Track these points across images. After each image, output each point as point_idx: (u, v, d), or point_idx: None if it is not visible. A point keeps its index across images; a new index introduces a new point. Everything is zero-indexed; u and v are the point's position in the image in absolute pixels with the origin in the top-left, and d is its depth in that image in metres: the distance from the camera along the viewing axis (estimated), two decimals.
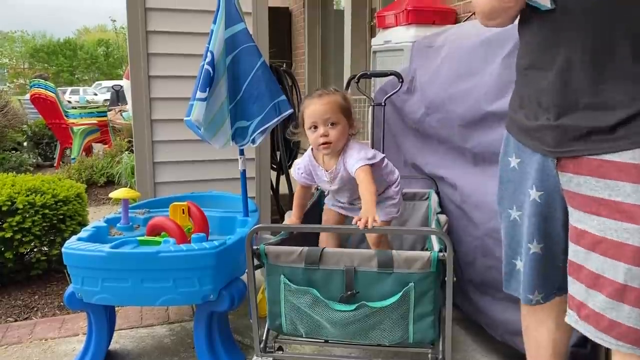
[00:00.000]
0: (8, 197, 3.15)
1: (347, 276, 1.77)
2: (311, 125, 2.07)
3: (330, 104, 2.06)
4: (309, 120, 2.07)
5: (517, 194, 1.55)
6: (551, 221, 1.49)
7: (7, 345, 2.60)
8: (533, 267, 1.55)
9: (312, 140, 2.08)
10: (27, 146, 8.72)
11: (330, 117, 2.04)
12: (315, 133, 2.06)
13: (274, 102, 2.56)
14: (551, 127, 1.36)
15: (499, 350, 2.39)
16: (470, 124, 2.32)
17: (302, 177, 2.21)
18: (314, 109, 2.06)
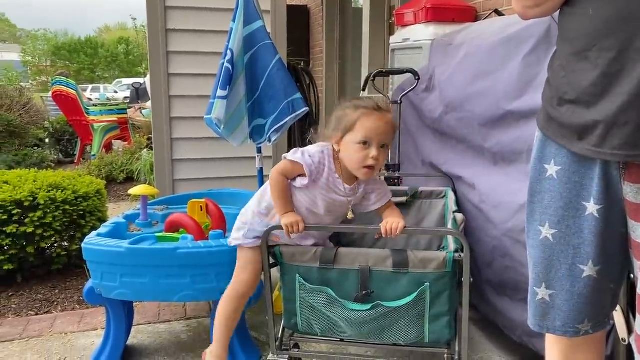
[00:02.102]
0: (30, 192, 3.21)
1: (362, 276, 1.77)
2: (364, 140, 1.71)
3: (390, 125, 1.77)
4: (363, 134, 1.71)
5: (555, 209, 1.32)
6: (611, 239, 1.28)
7: (28, 338, 2.64)
8: (585, 293, 1.32)
9: (358, 158, 1.73)
10: (48, 143, 8.85)
11: (386, 139, 1.76)
12: (365, 152, 1.72)
13: (288, 100, 2.56)
14: (618, 124, 1.13)
15: (516, 351, 2.37)
16: (490, 123, 2.30)
17: (310, 166, 1.78)
18: (376, 125, 1.72)
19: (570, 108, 1.22)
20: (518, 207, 2.08)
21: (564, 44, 1.27)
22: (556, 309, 1.37)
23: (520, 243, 2.07)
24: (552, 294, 1.36)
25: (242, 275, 1.94)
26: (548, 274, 1.36)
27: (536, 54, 2.08)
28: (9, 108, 7.92)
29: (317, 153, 1.81)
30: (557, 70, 1.29)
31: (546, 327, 1.41)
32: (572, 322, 1.35)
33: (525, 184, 1.44)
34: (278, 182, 1.82)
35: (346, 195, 1.86)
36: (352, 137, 1.73)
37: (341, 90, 8.91)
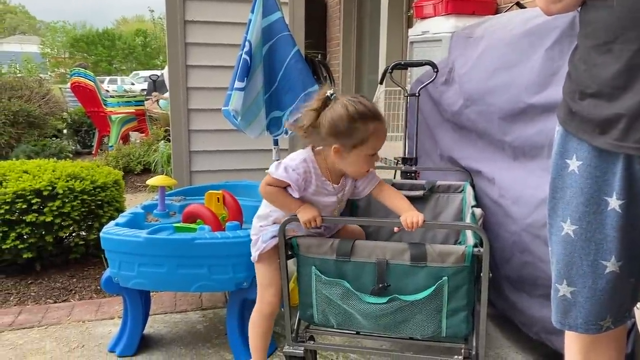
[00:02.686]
0: (49, 182, 3.24)
1: (378, 269, 1.75)
2: (373, 152, 1.77)
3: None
4: (374, 147, 1.76)
5: (577, 204, 1.30)
6: (633, 233, 1.26)
7: (47, 325, 2.68)
8: (608, 289, 1.30)
9: (362, 167, 1.79)
10: (66, 133, 8.95)
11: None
12: (369, 162, 1.79)
13: (306, 92, 2.55)
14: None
15: (533, 348, 2.34)
16: (510, 116, 2.26)
17: (295, 182, 1.78)
18: (384, 139, 1.78)
19: (592, 102, 1.21)
20: (538, 202, 2.05)
21: (585, 36, 1.26)
22: (578, 306, 1.35)
23: (540, 238, 2.04)
24: (573, 291, 1.35)
25: (267, 296, 1.93)
26: (569, 271, 1.34)
27: (559, 46, 2.04)
28: (29, 99, 8.02)
29: (300, 164, 1.80)
30: (578, 63, 1.27)
31: (568, 324, 1.39)
32: (594, 319, 1.33)
33: (545, 179, 1.43)
34: (271, 192, 1.82)
35: (335, 193, 1.88)
36: (364, 150, 1.74)
37: (358, 84, 8.88)
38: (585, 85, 1.23)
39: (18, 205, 3.12)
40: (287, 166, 1.78)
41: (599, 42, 1.20)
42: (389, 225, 2.59)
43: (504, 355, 2.35)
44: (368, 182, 1.93)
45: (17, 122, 7.64)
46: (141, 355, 2.36)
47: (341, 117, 1.71)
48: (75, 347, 2.46)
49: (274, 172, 1.78)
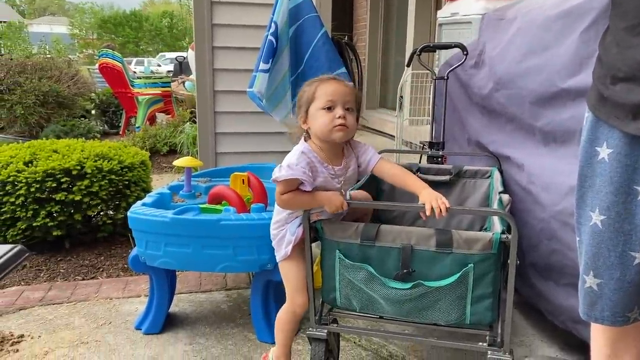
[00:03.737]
0: (78, 161, 3.30)
1: (403, 254, 1.73)
2: (327, 104, 1.74)
3: (349, 87, 1.81)
4: (325, 98, 1.74)
5: (605, 194, 1.25)
6: None
7: (75, 301, 2.74)
8: (637, 281, 1.26)
9: (325, 122, 1.74)
10: (94, 114, 9.08)
11: (350, 100, 1.77)
12: (331, 114, 1.74)
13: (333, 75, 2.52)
14: None
15: (559, 337, 2.31)
16: (542, 101, 2.20)
17: (303, 175, 1.74)
18: (334, 87, 1.76)
19: (625, 86, 1.15)
20: (569, 189, 2.00)
21: (617, 18, 1.20)
22: (604, 298, 1.31)
23: (569, 226, 1.99)
24: (600, 283, 1.31)
25: (298, 298, 1.92)
26: (596, 262, 1.30)
27: (595, 28, 1.97)
28: (58, 79, 8.14)
29: (300, 157, 1.77)
30: (609, 46, 1.21)
31: (594, 316, 1.35)
32: (622, 310, 1.30)
33: (577, 165, 1.37)
34: (288, 199, 1.77)
35: (339, 176, 1.85)
36: (316, 105, 1.76)
37: (384, 66, 8.78)
38: (617, 68, 1.18)
39: (48, 184, 3.19)
40: (289, 164, 1.75)
41: (633, 23, 1.14)
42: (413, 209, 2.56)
43: (528, 343, 2.32)
44: (369, 158, 1.89)
45: (46, 102, 7.78)
46: (167, 334, 2.41)
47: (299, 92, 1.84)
48: (102, 323, 2.52)
49: (279, 175, 1.72)
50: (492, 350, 1.75)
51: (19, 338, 2.37)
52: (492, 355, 1.74)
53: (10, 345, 2.32)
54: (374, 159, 1.89)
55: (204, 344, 2.34)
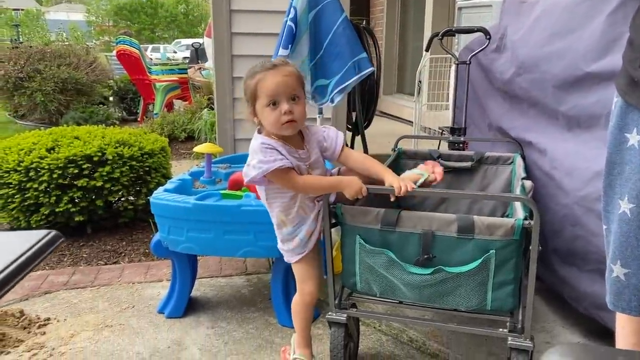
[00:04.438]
0: (99, 148, 3.33)
1: (424, 240, 1.72)
2: (270, 101, 1.69)
3: (290, 76, 1.72)
4: (266, 96, 1.69)
5: (635, 181, 1.22)
6: None
7: (99, 286, 2.79)
8: None
9: (272, 119, 1.70)
10: (112, 101, 9.15)
11: (292, 90, 1.71)
12: (276, 111, 1.69)
13: (354, 60, 2.51)
14: None
15: (581, 323, 2.30)
16: (566, 85, 2.17)
17: (287, 162, 1.71)
18: (273, 81, 1.68)
19: None
20: (593, 174, 1.98)
21: None
22: (632, 288, 1.30)
23: (593, 212, 1.97)
24: (627, 273, 1.29)
25: (308, 288, 1.93)
26: (624, 252, 1.28)
27: (623, 10, 1.93)
28: (76, 66, 8.21)
29: (263, 148, 1.72)
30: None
31: (621, 307, 1.35)
32: None
33: (602, 150, 1.36)
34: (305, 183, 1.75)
35: (305, 160, 1.80)
36: (260, 103, 1.71)
37: (401, 51, 8.70)
38: None
39: (70, 170, 3.23)
40: (259, 160, 1.70)
41: None
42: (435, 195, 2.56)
43: (549, 329, 2.31)
44: (334, 144, 1.85)
45: (65, 89, 7.86)
46: (189, 317, 2.44)
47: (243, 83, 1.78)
48: (126, 307, 2.56)
49: (254, 174, 1.70)
50: (513, 337, 1.74)
51: (46, 321, 2.43)
52: (513, 341, 1.73)
53: (37, 328, 2.37)
54: (339, 145, 1.85)
55: (226, 327, 2.37)
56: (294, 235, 1.86)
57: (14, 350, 2.20)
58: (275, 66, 1.72)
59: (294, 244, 1.86)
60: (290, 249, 1.88)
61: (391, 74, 8.71)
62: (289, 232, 1.86)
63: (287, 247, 1.89)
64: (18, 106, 8.10)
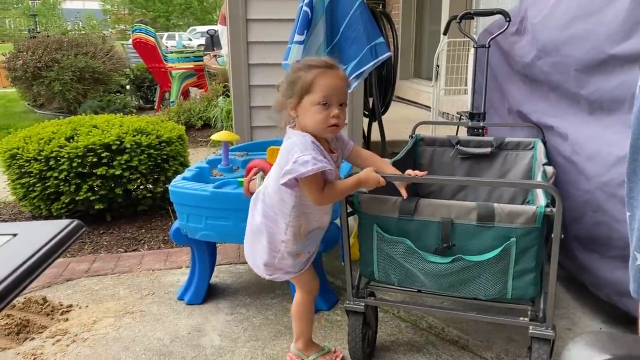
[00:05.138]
0: (117, 136, 3.36)
1: (443, 228, 1.70)
2: (324, 100, 1.62)
3: (345, 81, 1.68)
4: (322, 94, 1.62)
5: None
6: None
7: (119, 273, 2.83)
8: None
9: (320, 119, 1.64)
10: (129, 89, 9.21)
11: (344, 97, 1.67)
12: (326, 112, 1.63)
13: (371, 45, 2.47)
14: None
15: (603, 310, 2.27)
16: (589, 68, 2.12)
17: (328, 164, 1.65)
18: (331, 82, 1.63)
19: None
20: (616, 159, 1.94)
21: None
22: None
23: (616, 197, 1.94)
24: None
25: (310, 286, 1.94)
26: None
27: None
28: (93, 55, 8.26)
29: (310, 146, 1.64)
30: None
31: None
32: None
33: (625, 134, 1.31)
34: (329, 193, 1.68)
35: (336, 164, 1.78)
36: (311, 98, 1.63)
37: (418, 35, 8.59)
38: None
39: (89, 158, 3.26)
40: (314, 157, 1.61)
41: None
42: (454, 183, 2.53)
43: (570, 316, 2.29)
44: (347, 144, 1.85)
45: (83, 78, 7.93)
46: (208, 304, 2.46)
47: (289, 72, 1.69)
48: (146, 294, 2.60)
49: (309, 170, 1.58)
50: (535, 326, 1.72)
51: (68, 308, 2.47)
52: (534, 330, 1.71)
53: (60, 314, 2.42)
54: (351, 144, 1.87)
55: (245, 314, 2.39)
56: (303, 248, 1.80)
57: (38, 336, 2.25)
58: (333, 66, 1.66)
59: (301, 258, 1.81)
60: (293, 264, 1.80)
61: (408, 58, 8.62)
62: (300, 246, 1.78)
63: (289, 263, 1.80)
64: (37, 95, 8.20)
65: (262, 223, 1.77)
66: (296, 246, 1.77)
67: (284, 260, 1.79)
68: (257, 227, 1.80)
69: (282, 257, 1.78)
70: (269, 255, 1.78)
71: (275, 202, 1.74)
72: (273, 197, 1.74)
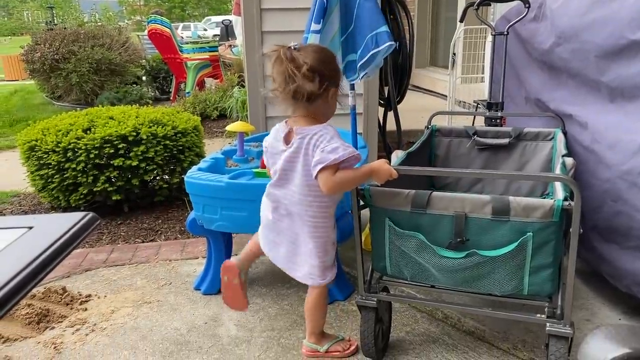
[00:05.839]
0: (133, 128, 3.38)
1: (456, 222, 1.64)
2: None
3: None
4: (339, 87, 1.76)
5: None
6: None
7: (137, 263, 2.86)
8: None
9: (335, 109, 1.79)
10: (145, 80, 9.26)
11: None
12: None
13: (372, 34, 2.42)
14: None
15: (622, 301, 2.24)
16: (610, 54, 2.07)
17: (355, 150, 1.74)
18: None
19: None
20: (638, 147, 1.90)
21: None
22: None
23: (637, 186, 1.90)
24: None
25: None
26: None
27: None
28: (110, 47, 8.31)
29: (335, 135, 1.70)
30: None
31: None
32: None
33: None
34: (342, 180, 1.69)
35: None
36: (336, 90, 1.73)
37: (434, 23, 8.49)
38: None
39: (106, 150, 3.29)
40: (342, 143, 1.68)
41: None
42: (468, 175, 2.50)
43: (588, 307, 2.26)
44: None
45: (100, 70, 7.99)
46: None
47: (329, 58, 1.71)
48: (163, 284, 2.62)
49: (341, 155, 1.63)
50: (552, 323, 1.66)
51: (87, 297, 2.50)
52: (552, 327, 1.66)
53: (79, 304, 2.45)
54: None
55: (261, 304, 2.40)
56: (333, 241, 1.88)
57: (58, 325, 2.28)
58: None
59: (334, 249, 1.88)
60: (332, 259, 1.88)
61: (424, 46, 8.53)
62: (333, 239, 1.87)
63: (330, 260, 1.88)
64: (54, 87, 8.28)
65: (309, 234, 1.81)
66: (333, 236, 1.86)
67: (330, 257, 1.86)
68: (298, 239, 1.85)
69: (331, 258, 1.86)
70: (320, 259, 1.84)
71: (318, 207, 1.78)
72: (314, 203, 1.77)
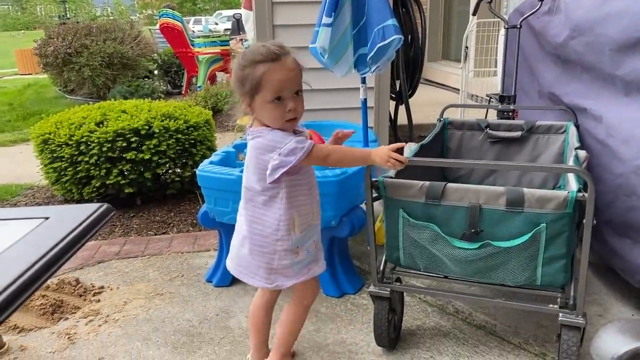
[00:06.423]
0: (146, 121, 3.40)
1: (471, 213, 1.66)
2: (275, 97, 1.54)
3: (295, 70, 1.57)
4: (272, 92, 1.54)
5: None
6: None
7: (149, 256, 2.88)
8: None
9: (276, 115, 1.57)
10: (157, 74, 9.29)
11: (297, 86, 1.58)
12: (281, 108, 1.56)
13: (379, 27, 2.40)
14: None
15: (636, 296, 2.23)
16: (625, 48, 2.05)
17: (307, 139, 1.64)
18: (280, 77, 1.54)
19: None
20: None
21: None
22: None
23: None
24: None
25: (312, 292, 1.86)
26: None
27: None
28: (122, 41, 8.35)
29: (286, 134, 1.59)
30: None
31: None
32: None
33: None
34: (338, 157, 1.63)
35: None
36: (262, 96, 1.55)
37: (446, 16, 8.43)
38: None
39: (119, 143, 3.31)
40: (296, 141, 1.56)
41: None
42: (480, 167, 2.49)
43: (601, 302, 2.25)
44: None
45: (112, 64, 8.03)
46: (236, 286, 2.49)
47: (236, 67, 1.58)
48: (175, 276, 2.64)
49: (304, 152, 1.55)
50: (564, 313, 1.69)
51: (100, 289, 2.53)
52: (564, 317, 1.68)
53: (92, 295, 2.48)
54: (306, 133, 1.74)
55: None
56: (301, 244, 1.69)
57: (72, 316, 2.31)
58: (279, 57, 1.55)
59: (300, 256, 1.69)
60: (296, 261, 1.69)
61: (436, 39, 8.48)
62: (296, 241, 1.67)
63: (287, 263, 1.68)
64: (67, 81, 8.34)
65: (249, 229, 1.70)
66: (291, 242, 1.67)
67: (283, 261, 1.68)
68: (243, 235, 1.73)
69: (280, 258, 1.68)
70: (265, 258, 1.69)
71: (261, 203, 1.68)
72: (259, 198, 1.68)
